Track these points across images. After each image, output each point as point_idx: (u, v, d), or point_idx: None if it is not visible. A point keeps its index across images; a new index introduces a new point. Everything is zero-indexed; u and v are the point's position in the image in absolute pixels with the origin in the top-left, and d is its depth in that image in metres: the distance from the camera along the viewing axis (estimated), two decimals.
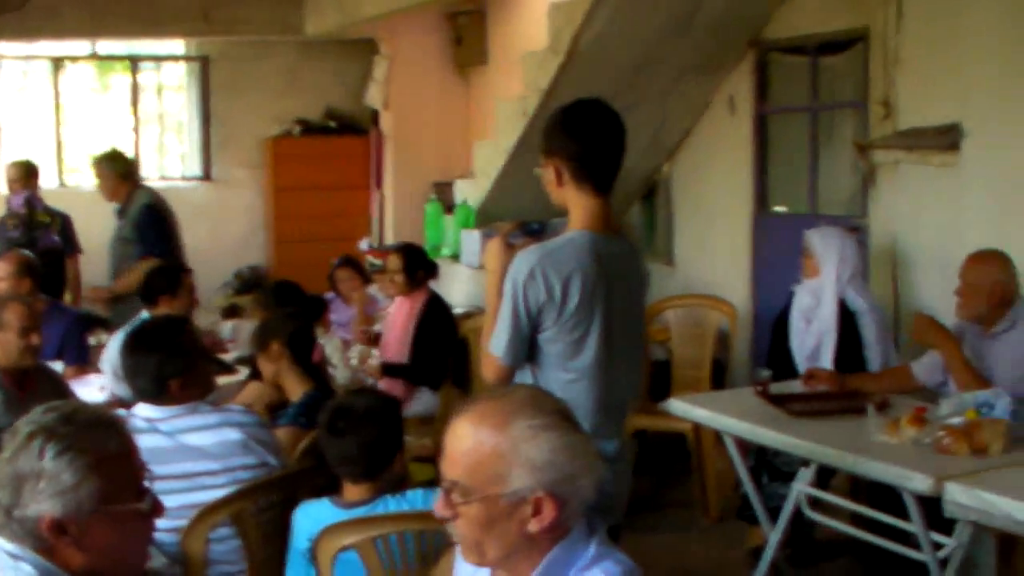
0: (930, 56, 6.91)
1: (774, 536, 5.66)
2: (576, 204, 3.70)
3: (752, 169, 8.55)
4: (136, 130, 12.87)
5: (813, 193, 8.14)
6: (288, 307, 6.40)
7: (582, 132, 3.69)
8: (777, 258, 7.97)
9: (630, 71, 8.05)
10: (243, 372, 6.34)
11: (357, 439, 3.84)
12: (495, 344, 3.67)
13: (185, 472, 4.01)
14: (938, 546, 4.74)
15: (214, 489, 4.01)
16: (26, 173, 9.05)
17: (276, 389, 5.40)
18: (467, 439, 2.35)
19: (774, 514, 5.68)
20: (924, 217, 7.01)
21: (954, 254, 5.76)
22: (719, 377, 7.51)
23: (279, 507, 4.11)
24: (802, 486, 5.52)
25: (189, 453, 4.04)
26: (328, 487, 4.02)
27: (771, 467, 6.02)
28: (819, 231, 6.43)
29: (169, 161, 13.24)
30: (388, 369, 6.94)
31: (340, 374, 6.74)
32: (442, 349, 7.11)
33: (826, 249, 6.27)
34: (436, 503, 2.40)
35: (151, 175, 12.49)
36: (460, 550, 2.45)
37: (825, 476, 5.75)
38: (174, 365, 4.10)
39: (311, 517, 3.83)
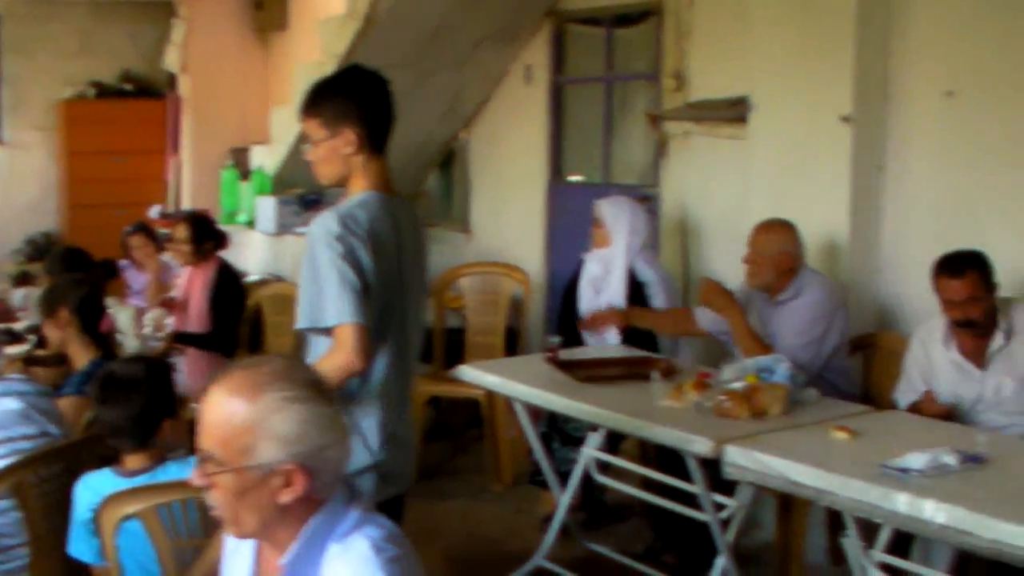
0: (720, 30, 7.08)
1: (564, 500, 5.74)
2: (365, 169, 3.67)
3: (547, 138, 8.63)
4: None
5: (607, 163, 8.26)
6: (76, 273, 6.24)
7: (368, 97, 3.67)
8: (571, 227, 8.06)
9: (427, 38, 8.05)
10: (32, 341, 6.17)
11: (124, 408, 3.75)
12: (340, 314, 3.47)
13: None
14: (720, 507, 4.87)
15: None
16: None
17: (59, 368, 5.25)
18: (219, 409, 2.32)
19: (566, 479, 5.76)
20: (713, 187, 7.17)
21: (742, 223, 5.90)
22: (513, 344, 7.57)
23: (62, 478, 4.00)
24: (591, 451, 5.61)
25: None
26: (114, 457, 3.95)
27: (562, 432, 6.10)
28: (609, 201, 6.47)
29: None
30: (179, 337, 6.83)
31: (129, 343, 6.62)
32: (233, 318, 7.04)
33: (616, 219, 6.33)
34: (192, 473, 2.37)
35: None
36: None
37: (615, 441, 5.86)
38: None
39: (92, 488, 3.75)
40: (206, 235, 7.08)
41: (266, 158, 9.65)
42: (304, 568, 2.35)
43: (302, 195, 8.90)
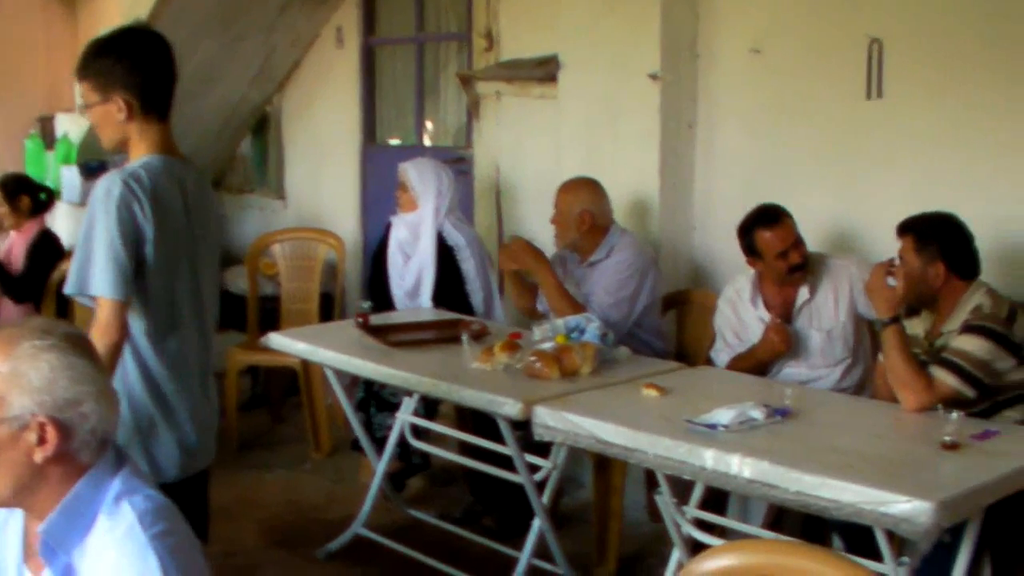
0: None
1: (381, 467, 5.68)
2: (144, 134, 3.51)
3: (360, 101, 8.51)
4: None
5: (420, 125, 8.18)
6: None
7: (144, 61, 3.49)
8: (386, 191, 7.89)
9: (231, 1, 7.86)
10: None
11: None
12: (103, 287, 3.36)
13: None
14: (536, 468, 4.85)
15: None
16: None
17: None
18: None
19: (384, 445, 5.70)
20: (526, 148, 7.13)
21: (553, 184, 5.85)
22: (328, 310, 7.45)
23: None
24: (405, 415, 5.55)
25: None
26: None
27: (378, 398, 6.03)
28: (414, 163, 6.33)
29: None
30: None
31: None
32: (45, 274, 6.82)
33: (422, 182, 6.21)
34: None
35: None
36: None
37: (433, 405, 5.80)
38: None
39: None
40: (20, 190, 6.87)
41: (71, 126, 9.33)
42: (65, 537, 2.23)
43: (86, 162, 8.64)
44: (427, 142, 8.13)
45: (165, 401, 3.53)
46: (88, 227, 3.38)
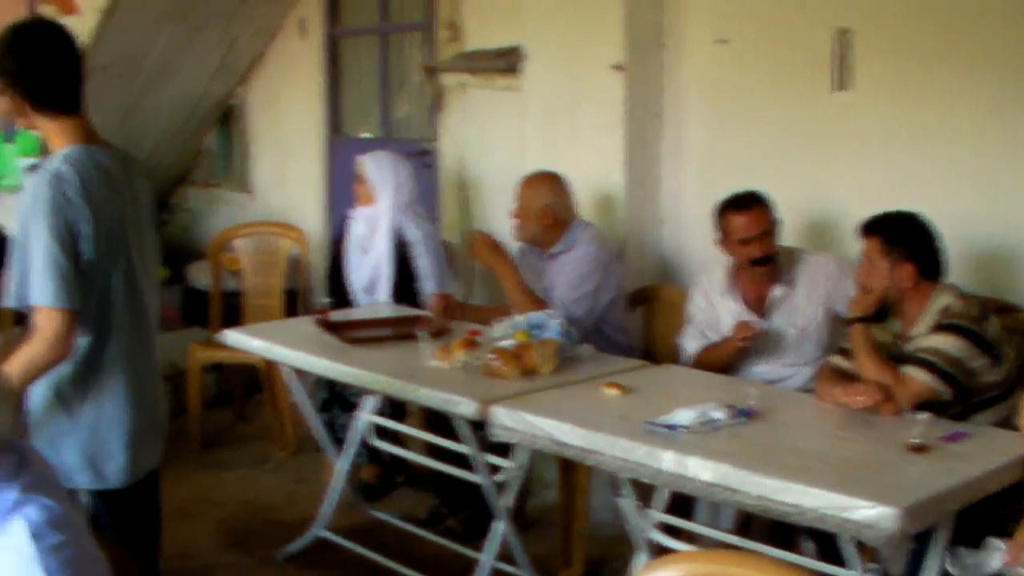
0: None
1: (341, 467, 5.57)
2: (51, 128, 3.37)
3: (324, 93, 8.40)
4: None
5: (385, 117, 8.06)
6: None
7: (28, 55, 3.33)
8: (351, 184, 7.83)
9: None
10: None
11: None
12: (42, 296, 3.20)
13: None
14: (497, 469, 4.73)
15: None
16: None
17: None
18: None
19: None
20: (491, 141, 7.02)
21: (519, 177, 5.73)
22: (293, 306, 7.33)
23: None
24: (367, 415, 5.44)
25: None
26: None
27: (341, 399, 5.92)
28: (372, 156, 6.20)
29: None
30: None
31: None
32: None
33: (380, 175, 6.09)
34: None
35: None
36: None
37: (400, 404, 5.67)
38: None
39: None
40: None
41: None
42: None
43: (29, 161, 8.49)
44: (392, 134, 7.99)
45: (100, 405, 3.40)
46: (22, 235, 3.24)
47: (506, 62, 6.50)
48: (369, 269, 6.08)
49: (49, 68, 3.34)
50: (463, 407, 4.27)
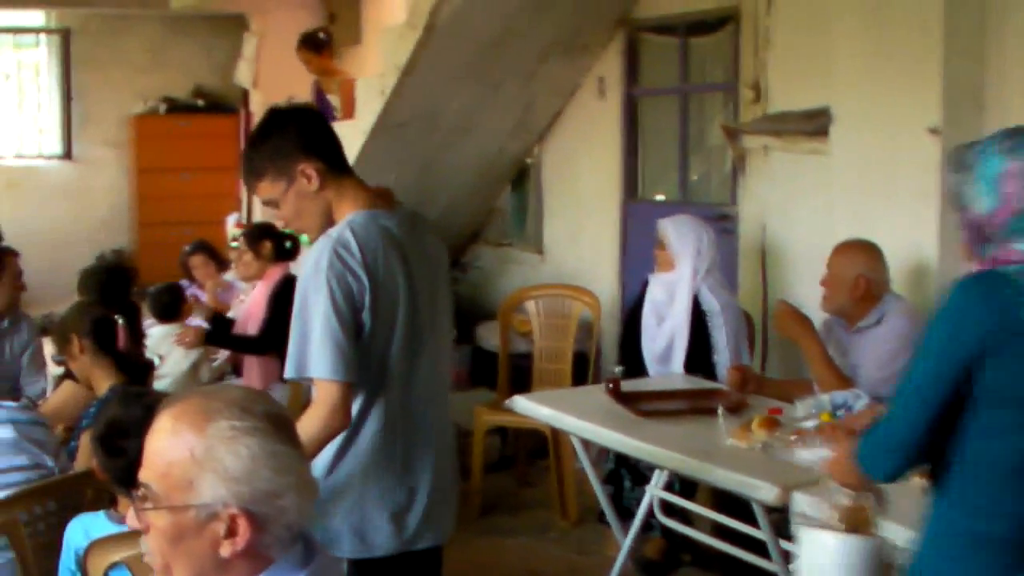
0: (801, 37, 6.64)
1: (626, 542, 5.35)
2: (340, 195, 3.31)
3: (621, 154, 8.24)
4: None
5: (684, 180, 7.87)
6: (115, 294, 5.93)
7: (301, 126, 3.32)
8: (646, 248, 7.60)
9: (490, 48, 7.70)
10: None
11: (123, 455, 3.33)
12: (319, 368, 3.14)
13: None
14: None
15: None
16: None
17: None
18: (164, 437, 1.97)
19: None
20: (795, 206, 6.72)
21: (824, 246, 5.43)
22: (583, 371, 7.15)
23: (58, 516, 3.71)
24: (656, 490, 5.21)
25: None
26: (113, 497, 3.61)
27: (634, 470, 5.70)
28: (673, 221, 6.00)
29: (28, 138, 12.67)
30: (210, 337, 6.54)
31: (169, 367, 6.36)
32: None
33: (681, 241, 5.88)
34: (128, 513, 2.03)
35: (6, 152, 12.02)
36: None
37: (691, 481, 5.42)
38: None
39: (84, 530, 3.42)
40: (262, 236, 6.78)
41: None
42: None
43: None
44: (689, 198, 7.78)
45: (366, 470, 3.30)
46: (301, 304, 3.19)
47: (814, 124, 6.22)
48: (665, 338, 5.86)
49: (319, 129, 3.35)
50: (763, 492, 3.98)
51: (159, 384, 6.03)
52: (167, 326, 6.75)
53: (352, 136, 8.44)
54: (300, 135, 3.28)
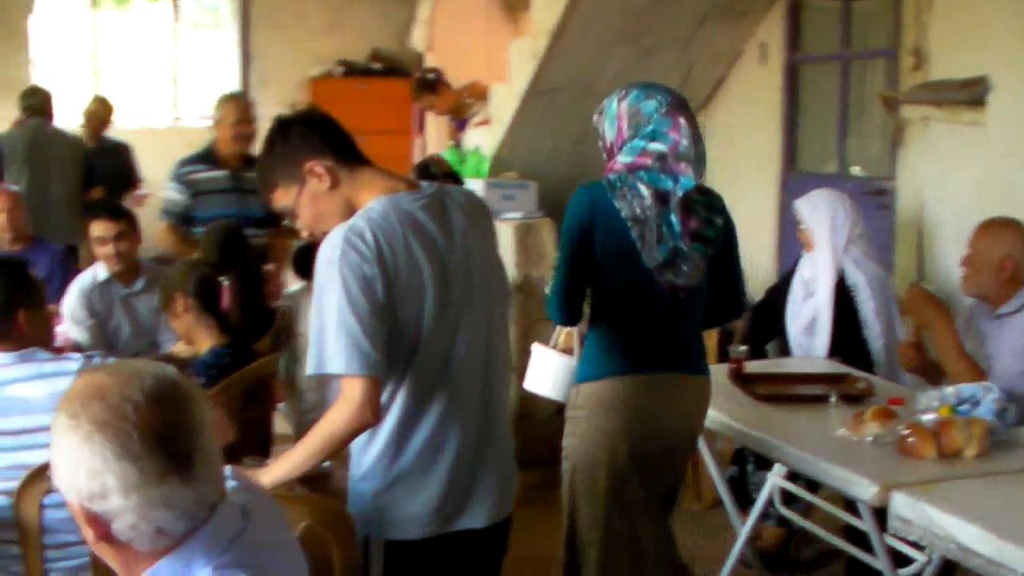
0: (962, 2, 6.23)
1: (744, 530, 5.05)
2: (355, 188, 3.14)
3: (782, 123, 7.94)
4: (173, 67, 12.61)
5: (842, 153, 7.52)
6: (230, 254, 5.84)
7: (309, 122, 3.23)
8: None
9: (642, 11, 7.44)
10: None
11: None
12: (335, 364, 3.00)
13: (13, 428, 3.58)
14: (906, 560, 4.12)
15: (47, 448, 3.56)
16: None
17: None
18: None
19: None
20: (953, 180, 6.35)
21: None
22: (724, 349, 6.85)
23: None
24: (776, 478, 4.92)
25: (17, 405, 3.61)
26: None
27: (758, 455, 5.40)
28: (807, 199, 5.68)
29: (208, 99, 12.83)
30: None
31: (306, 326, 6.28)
32: None
33: (815, 218, 5.56)
34: None
35: (185, 113, 12.18)
36: None
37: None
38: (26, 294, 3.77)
39: None
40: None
41: (483, 138, 9.14)
42: None
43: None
44: (847, 171, 7.41)
45: (407, 454, 3.15)
46: (317, 298, 3.02)
47: (969, 93, 5.81)
48: (808, 312, 5.59)
49: (326, 126, 3.21)
50: (860, 489, 3.67)
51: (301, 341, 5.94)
52: (304, 283, 6.66)
53: (506, 98, 8.27)
54: (301, 136, 3.16)
